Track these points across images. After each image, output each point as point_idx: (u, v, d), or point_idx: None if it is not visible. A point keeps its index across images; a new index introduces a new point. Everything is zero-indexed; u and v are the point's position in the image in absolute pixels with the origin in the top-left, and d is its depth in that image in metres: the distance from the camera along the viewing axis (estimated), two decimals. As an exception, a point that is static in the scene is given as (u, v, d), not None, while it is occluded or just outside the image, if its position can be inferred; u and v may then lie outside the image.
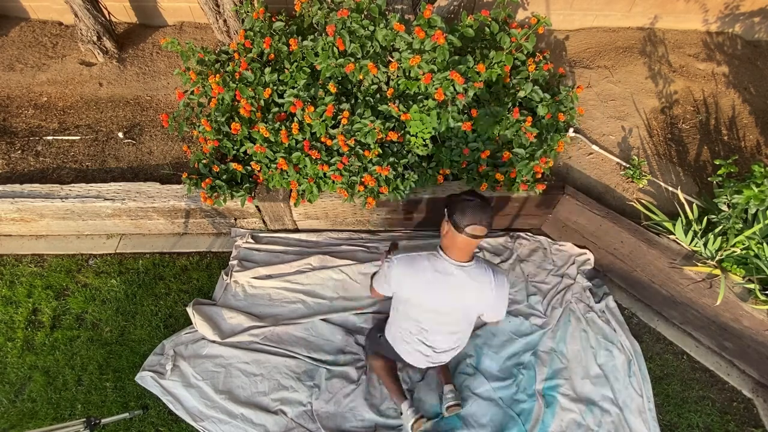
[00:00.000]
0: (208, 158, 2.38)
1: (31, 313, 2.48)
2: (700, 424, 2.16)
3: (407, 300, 1.76)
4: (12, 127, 2.87)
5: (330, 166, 2.25)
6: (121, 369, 2.29)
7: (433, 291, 1.66)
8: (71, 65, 3.15)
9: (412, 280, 1.68)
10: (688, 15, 3.20)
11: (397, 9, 2.88)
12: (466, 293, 1.66)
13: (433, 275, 1.64)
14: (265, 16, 2.47)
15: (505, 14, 2.41)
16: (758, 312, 2.02)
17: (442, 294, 1.67)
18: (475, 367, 2.25)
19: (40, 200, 2.43)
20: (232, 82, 2.31)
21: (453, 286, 1.65)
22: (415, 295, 1.71)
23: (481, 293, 1.66)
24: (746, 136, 2.77)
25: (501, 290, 1.69)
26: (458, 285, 1.64)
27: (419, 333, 1.83)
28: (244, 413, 2.09)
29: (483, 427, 2.08)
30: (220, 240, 2.75)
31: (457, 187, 2.44)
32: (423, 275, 1.65)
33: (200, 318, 2.30)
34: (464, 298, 1.67)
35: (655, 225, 2.29)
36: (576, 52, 3.18)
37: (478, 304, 1.70)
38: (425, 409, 2.14)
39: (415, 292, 1.70)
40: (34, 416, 2.18)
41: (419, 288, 1.68)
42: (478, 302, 1.70)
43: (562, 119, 2.50)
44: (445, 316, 1.75)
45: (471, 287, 1.65)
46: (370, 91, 2.38)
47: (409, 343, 1.89)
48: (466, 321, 1.80)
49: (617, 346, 2.30)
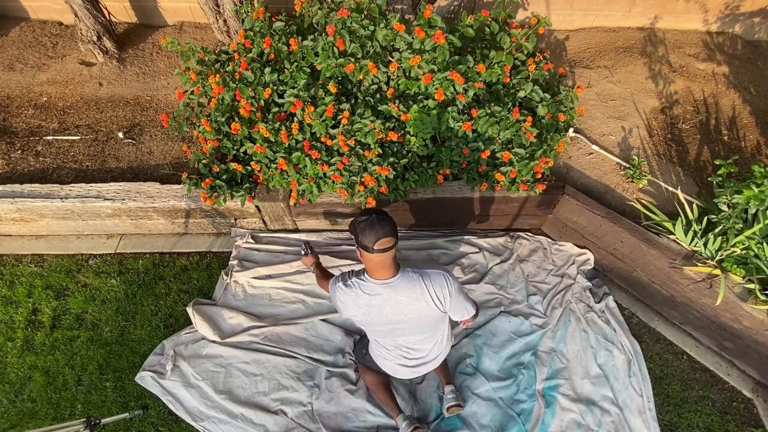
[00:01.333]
0: (208, 158, 2.38)
1: (31, 313, 2.48)
2: (700, 424, 2.16)
3: (363, 323, 1.76)
4: (12, 127, 2.87)
5: (330, 166, 2.25)
6: (121, 369, 2.29)
7: (374, 312, 1.64)
8: (71, 65, 3.15)
9: (354, 306, 1.65)
10: (688, 15, 3.20)
11: (397, 9, 2.88)
12: (403, 307, 1.61)
13: (366, 299, 1.62)
14: (265, 16, 2.47)
15: (505, 14, 2.41)
16: (758, 312, 2.02)
17: (384, 310, 1.62)
18: (475, 367, 2.25)
19: (40, 200, 2.43)
20: (232, 82, 2.31)
21: (387, 302, 1.60)
22: (366, 319, 1.69)
23: (419, 302, 1.60)
24: (746, 136, 2.77)
25: (443, 290, 1.61)
26: (391, 301, 1.60)
27: (397, 348, 1.81)
28: (244, 413, 2.09)
29: (483, 428, 2.08)
30: (220, 240, 2.75)
31: (457, 187, 2.44)
32: (359, 300, 1.63)
33: (200, 318, 2.30)
34: (406, 311, 1.62)
35: (655, 225, 2.29)
36: (576, 52, 3.18)
37: (427, 310, 1.63)
38: (426, 411, 2.14)
39: (364, 316, 1.67)
40: (34, 416, 2.18)
41: (363, 311, 1.65)
42: (424, 310, 1.62)
43: (562, 119, 2.50)
44: (406, 325, 1.70)
45: (405, 300, 1.59)
46: (370, 91, 2.38)
47: (389, 359, 1.87)
48: (430, 327, 1.75)
49: (617, 346, 2.30)
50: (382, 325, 1.71)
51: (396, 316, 1.63)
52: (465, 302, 1.70)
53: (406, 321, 1.66)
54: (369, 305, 1.62)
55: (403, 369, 1.88)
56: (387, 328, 1.73)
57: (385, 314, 1.63)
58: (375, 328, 1.76)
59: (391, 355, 1.85)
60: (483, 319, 2.39)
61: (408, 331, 1.74)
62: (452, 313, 1.71)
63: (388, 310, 1.62)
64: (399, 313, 1.63)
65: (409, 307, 1.61)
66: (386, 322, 1.68)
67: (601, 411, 2.13)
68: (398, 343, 1.81)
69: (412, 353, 1.83)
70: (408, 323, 1.68)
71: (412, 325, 1.70)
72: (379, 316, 1.64)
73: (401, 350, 1.82)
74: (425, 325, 1.72)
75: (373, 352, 1.94)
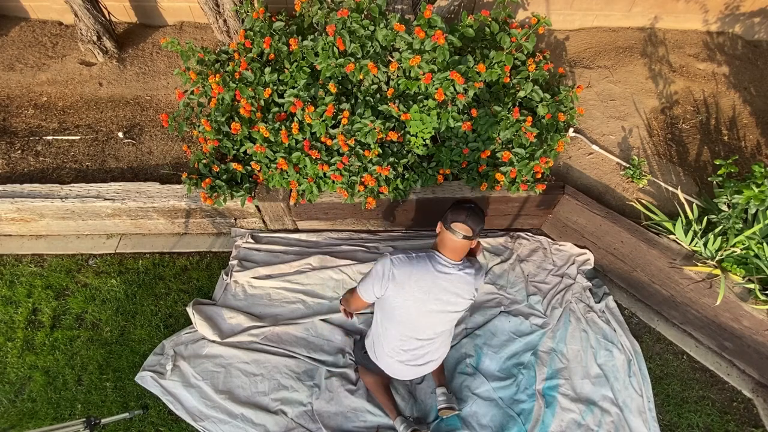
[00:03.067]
0: (208, 158, 2.38)
1: (31, 313, 2.48)
2: (700, 424, 2.16)
3: (395, 306, 1.70)
4: (12, 127, 2.87)
5: (330, 166, 2.25)
6: (121, 369, 2.29)
7: (431, 292, 1.66)
8: (71, 65, 3.15)
9: (414, 281, 1.65)
10: (688, 15, 3.20)
11: (397, 9, 2.88)
12: (458, 290, 1.69)
13: (434, 276, 1.65)
14: (265, 15, 2.47)
15: (505, 14, 2.41)
16: (758, 312, 2.02)
17: (438, 295, 1.67)
18: (475, 367, 2.25)
19: (40, 200, 2.43)
20: (232, 82, 2.30)
21: (451, 283, 1.67)
22: (410, 297, 1.67)
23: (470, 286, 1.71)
24: (746, 136, 2.77)
25: (474, 288, 1.74)
26: (455, 281, 1.67)
27: (404, 342, 1.80)
28: (244, 413, 2.09)
29: (483, 428, 2.08)
30: (220, 240, 2.75)
31: (457, 187, 2.44)
32: (425, 276, 1.65)
33: (200, 318, 2.30)
34: (459, 295, 1.69)
35: (655, 225, 2.29)
36: (576, 52, 3.18)
37: (465, 302, 1.73)
38: (426, 411, 2.14)
39: (411, 293, 1.66)
40: (34, 416, 2.18)
41: (417, 289, 1.65)
42: (464, 301, 1.72)
43: (562, 119, 2.50)
44: (432, 318, 1.73)
45: (461, 285, 1.69)
46: (370, 91, 2.38)
47: (391, 356, 1.86)
48: (451, 321, 1.80)
49: (617, 346, 2.30)
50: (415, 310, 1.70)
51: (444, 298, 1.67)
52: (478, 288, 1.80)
53: (445, 306, 1.70)
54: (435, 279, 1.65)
55: (405, 368, 1.88)
56: (412, 317, 1.72)
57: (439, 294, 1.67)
58: (403, 313, 1.72)
59: (394, 352, 1.84)
60: (483, 319, 2.39)
61: (437, 323, 1.75)
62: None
63: (446, 293, 1.67)
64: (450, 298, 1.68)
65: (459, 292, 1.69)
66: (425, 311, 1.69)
67: (601, 411, 2.13)
68: (407, 337, 1.79)
69: (414, 351, 1.82)
70: (444, 311, 1.71)
71: (444, 317, 1.74)
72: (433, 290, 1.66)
73: (406, 345, 1.81)
74: (452, 319, 1.76)
75: (376, 353, 1.92)
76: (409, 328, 1.76)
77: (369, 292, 1.73)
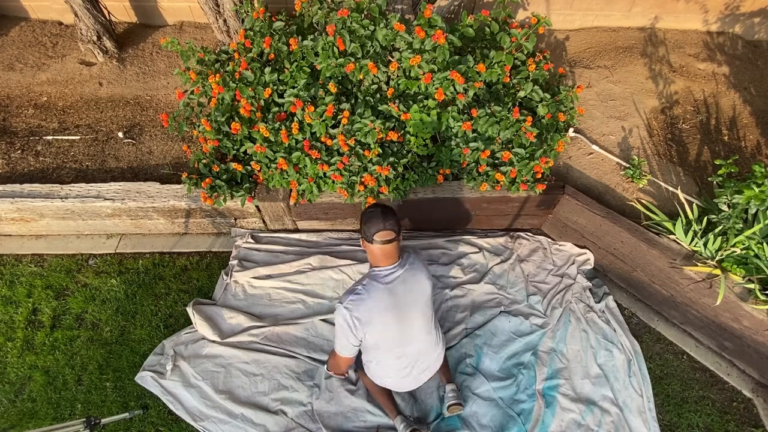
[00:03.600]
0: (208, 158, 2.38)
1: (31, 313, 2.48)
2: (700, 424, 2.16)
3: (378, 340, 1.72)
4: (12, 127, 2.87)
5: (330, 166, 2.25)
6: (121, 369, 2.29)
7: (396, 307, 1.70)
8: (71, 65, 3.15)
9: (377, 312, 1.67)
10: (689, 15, 3.20)
11: (398, 9, 2.88)
12: (417, 282, 1.74)
13: (387, 292, 1.68)
14: (265, 15, 2.46)
15: (505, 14, 2.41)
16: (758, 312, 2.02)
17: (404, 301, 1.70)
18: (475, 367, 2.25)
19: (40, 200, 2.43)
20: (232, 81, 2.30)
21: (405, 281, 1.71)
22: (384, 324, 1.69)
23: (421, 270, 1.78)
24: (746, 136, 2.77)
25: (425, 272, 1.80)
26: (408, 279, 1.72)
27: (400, 360, 1.81)
28: (244, 413, 2.09)
29: (483, 428, 2.08)
30: (220, 240, 2.75)
31: (457, 187, 2.44)
32: (381, 298, 1.67)
33: (200, 318, 2.30)
34: (420, 286, 1.75)
35: (655, 225, 2.29)
36: (576, 52, 3.18)
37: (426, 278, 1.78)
38: (426, 411, 2.14)
39: (383, 322, 1.69)
40: (34, 416, 2.18)
41: (384, 314, 1.68)
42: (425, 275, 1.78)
43: (562, 119, 2.50)
44: (413, 322, 1.75)
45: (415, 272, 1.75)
46: (370, 91, 2.38)
47: (391, 377, 1.87)
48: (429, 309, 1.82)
49: (617, 346, 2.30)
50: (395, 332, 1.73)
51: (410, 294, 1.72)
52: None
53: (414, 302, 1.73)
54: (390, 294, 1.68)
55: (406, 382, 1.89)
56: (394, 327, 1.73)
57: (403, 310, 1.71)
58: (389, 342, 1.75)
59: (393, 372, 1.85)
60: (483, 319, 2.39)
61: (416, 321, 1.77)
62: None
63: (405, 300, 1.71)
64: (415, 289, 1.73)
65: (419, 284, 1.74)
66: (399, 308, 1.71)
67: (601, 411, 2.13)
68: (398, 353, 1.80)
69: (412, 363, 1.83)
70: (416, 306, 1.74)
71: (418, 311, 1.76)
72: (397, 317, 1.70)
73: (401, 362, 1.82)
74: (426, 307, 1.80)
75: (374, 374, 1.92)
76: (399, 345, 1.78)
77: (348, 348, 1.75)
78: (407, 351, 1.81)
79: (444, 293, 2.46)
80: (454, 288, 2.47)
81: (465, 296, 2.46)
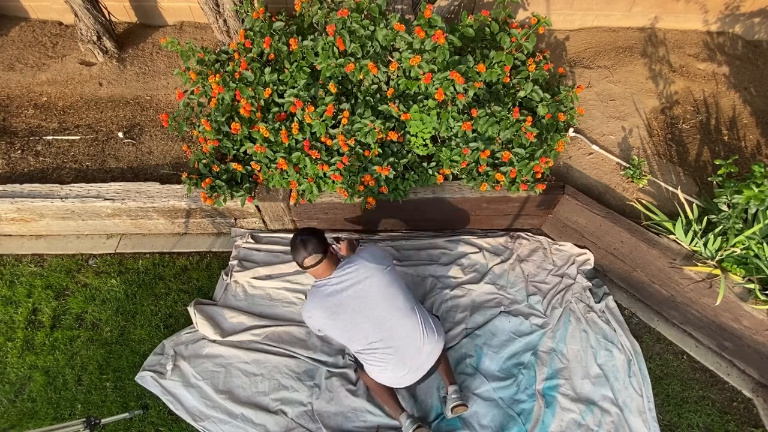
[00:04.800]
0: (208, 158, 2.38)
1: (31, 313, 2.48)
2: (700, 424, 2.16)
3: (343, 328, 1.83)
4: (12, 127, 2.87)
5: (330, 166, 2.25)
6: (121, 369, 2.29)
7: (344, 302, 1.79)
8: (71, 65, 3.15)
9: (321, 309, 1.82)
10: (689, 15, 3.20)
11: (398, 9, 2.88)
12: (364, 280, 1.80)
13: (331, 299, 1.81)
14: (265, 15, 2.46)
15: (505, 14, 2.41)
16: (758, 312, 2.02)
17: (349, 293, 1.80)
18: (475, 368, 2.25)
19: (40, 200, 2.43)
20: (232, 81, 2.30)
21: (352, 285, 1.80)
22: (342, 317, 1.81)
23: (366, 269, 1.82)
24: (746, 136, 2.77)
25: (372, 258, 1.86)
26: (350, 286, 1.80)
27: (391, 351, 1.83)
28: (244, 413, 2.09)
29: (484, 428, 2.08)
30: (220, 240, 2.75)
31: (457, 187, 2.44)
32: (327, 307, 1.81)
33: (201, 317, 2.30)
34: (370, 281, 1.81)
35: (655, 225, 2.29)
36: (576, 52, 3.18)
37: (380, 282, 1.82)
38: (426, 410, 2.14)
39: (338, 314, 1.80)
40: (34, 416, 2.18)
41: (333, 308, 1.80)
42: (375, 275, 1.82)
43: (562, 119, 2.50)
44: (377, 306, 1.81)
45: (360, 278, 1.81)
46: (370, 91, 2.38)
47: (387, 370, 1.87)
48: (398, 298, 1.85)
49: (617, 346, 2.30)
50: (356, 320, 1.80)
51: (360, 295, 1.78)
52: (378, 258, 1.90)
53: (372, 297, 1.79)
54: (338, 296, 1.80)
55: (401, 372, 1.88)
56: (367, 324, 1.80)
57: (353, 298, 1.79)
58: (353, 326, 1.82)
59: (387, 365, 1.85)
60: (483, 319, 2.39)
61: (384, 312, 1.81)
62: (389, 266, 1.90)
63: (352, 291, 1.80)
64: (362, 290, 1.79)
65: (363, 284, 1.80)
66: (359, 311, 1.79)
67: (601, 411, 2.13)
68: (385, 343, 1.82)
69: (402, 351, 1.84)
70: (376, 300, 1.80)
71: (382, 303, 1.80)
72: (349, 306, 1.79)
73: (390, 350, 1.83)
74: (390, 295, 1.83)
75: (371, 371, 1.93)
76: (379, 339, 1.82)
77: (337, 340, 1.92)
78: (391, 344, 1.83)
79: (444, 293, 2.46)
80: (454, 288, 2.47)
81: (465, 296, 2.46)
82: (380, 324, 1.81)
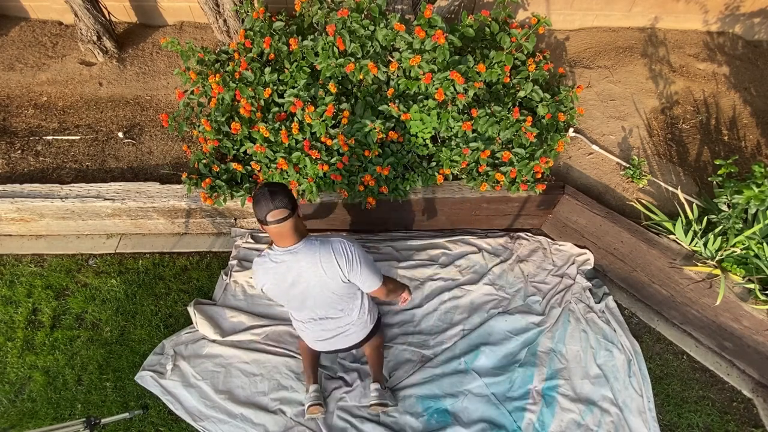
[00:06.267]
0: (208, 158, 2.38)
1: (31, 313, 2.48)
2: (700, 424, 2.16)
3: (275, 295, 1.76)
4: (12, 127, 2.87)
5: (330, 166, 2.25)
6: (121, 369, 2.29)
7: (280, 280, 1.68)
8: (71, 65, 3.15)
9: (264, 275, 1.69)
10: (689, 15, 3.20)
11: (398, 9, 2.88)
12: (303, 273, 1.66)
13: (273, 266, 1.66)
14: (265, 15, 2.47)
15: (505, 14, 2.41)
16: (758, 312, 2.02)
17: (288, 278, 1.67)
18: (469, 365, 2.24)
19: (40, 200, 2.43)
20: (232, 81, 2.31)
21: (290, 270, 1.65)
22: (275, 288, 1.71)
23: (317, 268, 1.65)
24: (746, 136, 2.77)
25: (343, 257, 1.65)
26: (293, 269, 1.65)
27: (309, 320, 1.87)
28: (243, 413, 2.10)
29: (474, 424, 2.08)
30: (220, 240, 2.75)
31: (457, 187, 2.44)
32: (267, 267, 1.68)
33: (201, 317, 2.30)
34: (306, 277, 1.67)
35: (655, 225, 2.29)
36: (576, 52, 3.18)
37: (325, 278, 1.67)
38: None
39: (273, 285, 1.70)
40: (34, 416, 2.18)
41: (271, 280, 1.69)
42: (322, 278, 1.67)
43: (562, 119, 2.50)
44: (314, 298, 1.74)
45: (305, 266, 1.64)
46: (371, 91, 2.38)
47: (305, 331, 1.95)
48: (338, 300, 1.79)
49: (617, 346, 2.30)
50: (291, 298, 1.75)
51: (299, 285, 1.68)
52: (368, 270, 1.71)
53: (309, 290, 1.70)
54: (275, 273, 1.67)
55: (320, 342, 1.96)
56: (296, 303, 1.77)
57: (289, 282, 1.67)
58: (285, 299, 1.78)
59: (305, 327, 1.92)
60: (480, 320, 2.38)
61: (318, 304, 1.78)
62: (357, 282, 1.74)
63: (290, 278, 1.66)
64: (301, 282, 1.68)
65: (308, 273, 1.66)
66: (294, 294, 1.72)
67: (600, 411, 2.13)
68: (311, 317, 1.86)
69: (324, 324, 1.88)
70: (313, 294, 1.72)
71: (318, 298, 1.74)
72: (284, 284, 1.68)
73: (315, 323, 1.88)
74: (330, 296, 1.75)
75: (297, 327, 1.99)
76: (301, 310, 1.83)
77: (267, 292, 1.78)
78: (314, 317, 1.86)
79: (443, 294, 2.46)
80: (453, 289, 2.47)
81: (464, 297, 2.46)
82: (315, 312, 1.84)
